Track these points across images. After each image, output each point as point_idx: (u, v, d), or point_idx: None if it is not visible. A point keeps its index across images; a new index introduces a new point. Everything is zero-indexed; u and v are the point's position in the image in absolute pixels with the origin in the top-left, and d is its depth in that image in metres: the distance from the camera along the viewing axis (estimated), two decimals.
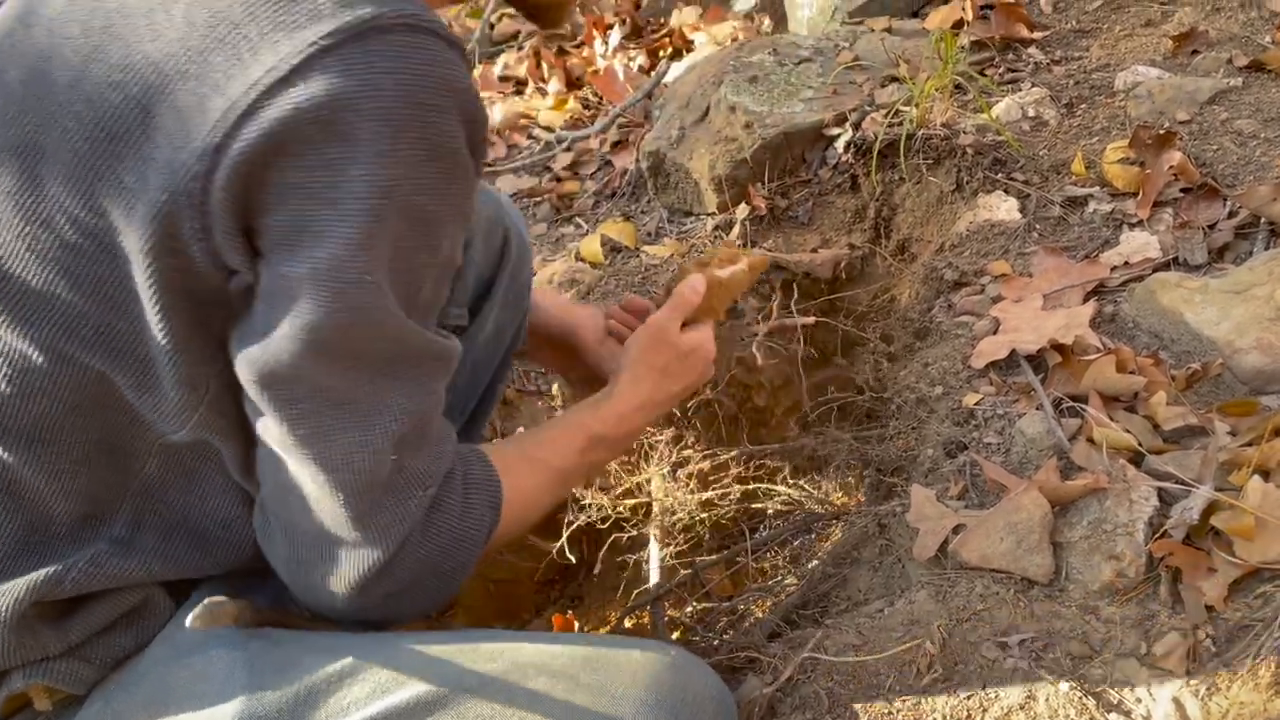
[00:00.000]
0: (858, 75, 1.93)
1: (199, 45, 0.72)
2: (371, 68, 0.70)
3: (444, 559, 0.85)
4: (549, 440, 1.03)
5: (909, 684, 0.96)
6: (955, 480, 1.17)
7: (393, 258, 0.74)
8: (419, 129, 0.72)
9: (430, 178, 0.74)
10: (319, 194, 0.71)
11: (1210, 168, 1.54)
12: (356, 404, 0.77)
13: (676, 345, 1.10)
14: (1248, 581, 0.96)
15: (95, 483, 0.84)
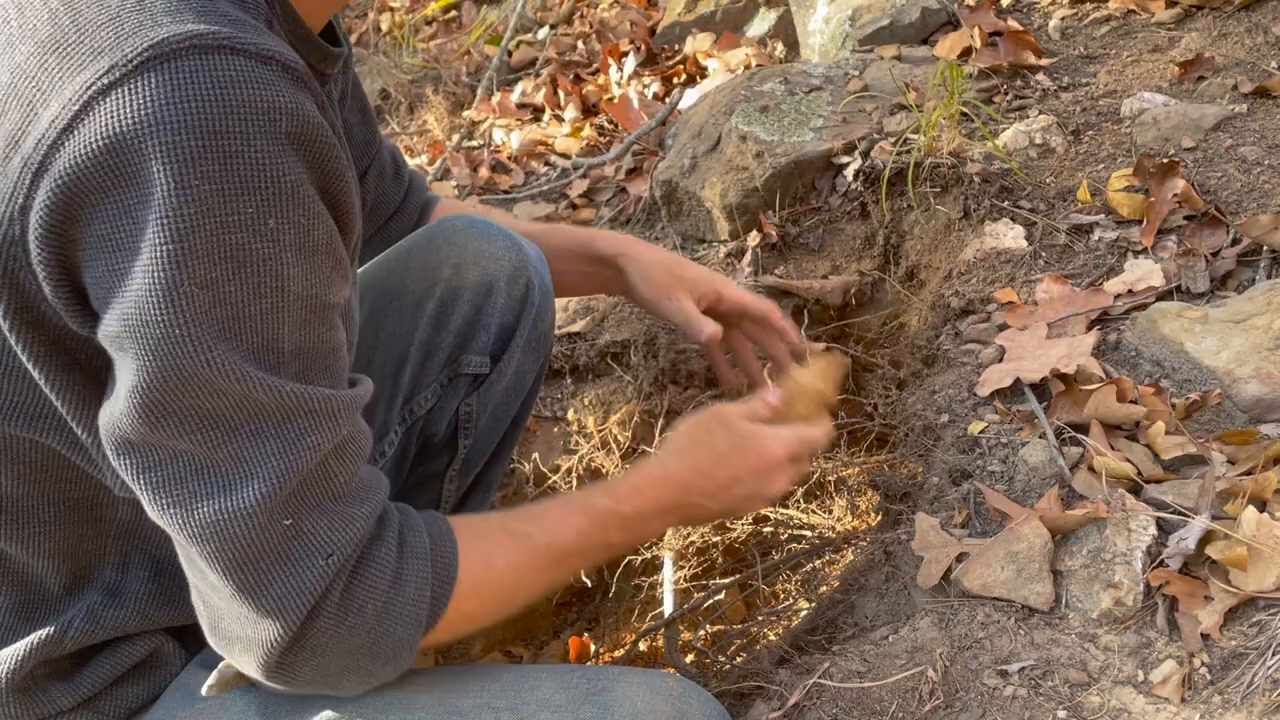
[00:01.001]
0: (867, 104, 1.96)
1: (1, 103, 0.69)
2: (153, 101, 0.64)
3: (373, 635, 0.77)
4: (541, 514, 0.91)
5: (911, 711, 0.98)
6: (959, 508, 1.20)
7: (215, 305, 0.66)
8: (219, 160, 0.64)
9: (242, 212, 0.66)
10: (122, 244, 0.65)
11: (1214, 195, 1.56)
12: (215, 467, 0.70)
13: (732, 427, 0.99)
14: (1243, 610, 0.98)
15: (73, 538, 0.85)
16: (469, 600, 0.82)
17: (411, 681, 0.89)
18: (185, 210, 0.64)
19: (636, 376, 1.81)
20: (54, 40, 0.68)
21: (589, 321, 1.86)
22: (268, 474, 0.70)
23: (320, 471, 0.73)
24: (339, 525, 0.74)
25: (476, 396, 1.26)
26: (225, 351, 0.68)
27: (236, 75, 0.65)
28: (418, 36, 3.70)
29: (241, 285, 0.67)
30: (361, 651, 0.77)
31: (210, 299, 0.66)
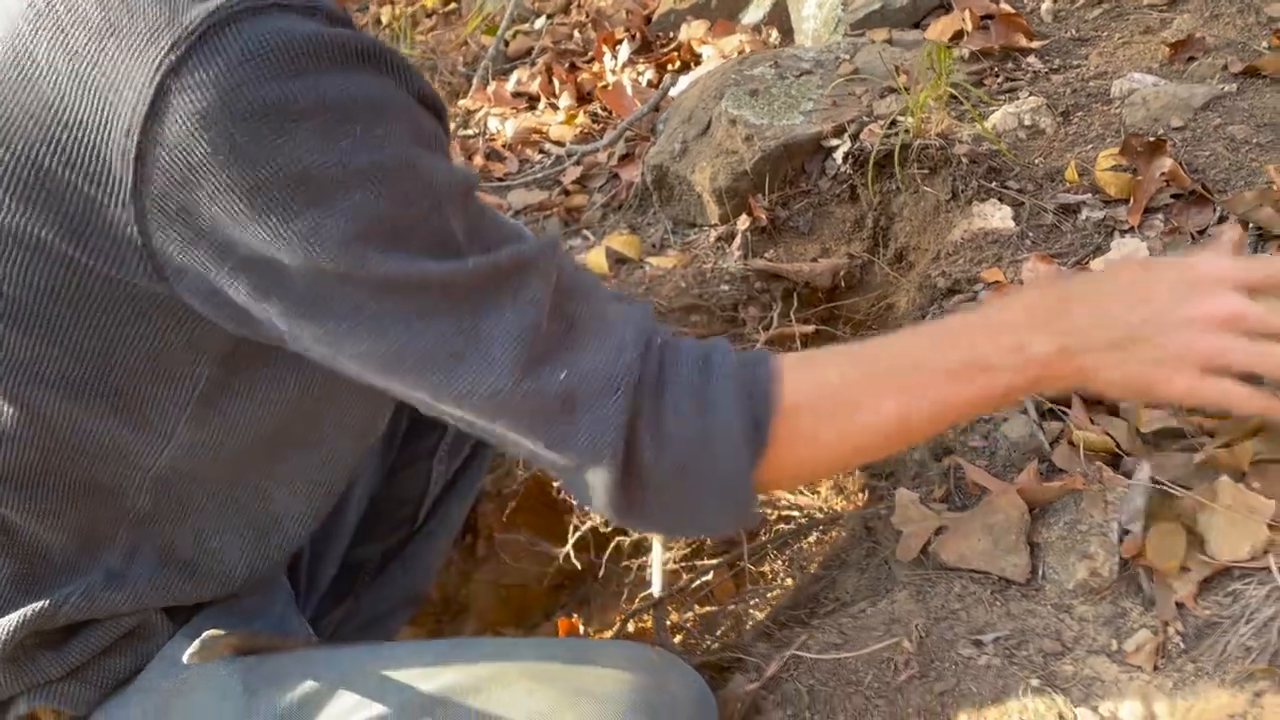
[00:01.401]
0: (857, 87, 1.96)
1: (67, 93, 0.70)
2: (225, 66, 0.65)
3: (700, 460, 0.73)
4: (884, 339, 0.82)
5: (886, 681, 0.99)
6: (940, 483, 1.20)
7: (371, 229, 0.68)
8: (309, 98, 0.66)
9: (353, 135, 0.68)
10: (249, 212, 0.67)
11: (1202, 174, 1.55)
12: (462, 355, 0.71)
13: (1164, 261, 0.84)
14: (1219, 579, 0.98)
15: (87, 519, 0.87)
16: (800, 417, 0.74)
17: (395, 652, 0.90)
18: (297, 156, 0.66)
19: None
20: (108, 24, 0.69)
21: None
22: (509, 341, 0.71)
23: (556, 316, 0.73)
24: (607, 359, 0.73)
25: None
26: (401, 261, 0.69)
27: (292, 24, 0.67)
28: (417, 28, 3.71)
29: (390, 199, 0.69)
30: (697, 481, 0.74)
31: (363, 225, 0.68)
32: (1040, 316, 0.77)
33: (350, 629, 1.27)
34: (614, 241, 1.99)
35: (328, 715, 0.85)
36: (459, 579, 1.84)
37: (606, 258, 1.96)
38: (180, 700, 0.87)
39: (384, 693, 0.85)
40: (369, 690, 0.85)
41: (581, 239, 2.15)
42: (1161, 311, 0.76)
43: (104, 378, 0.79)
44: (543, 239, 0.77)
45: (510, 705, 0.84)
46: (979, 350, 0.76)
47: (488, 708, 0.84)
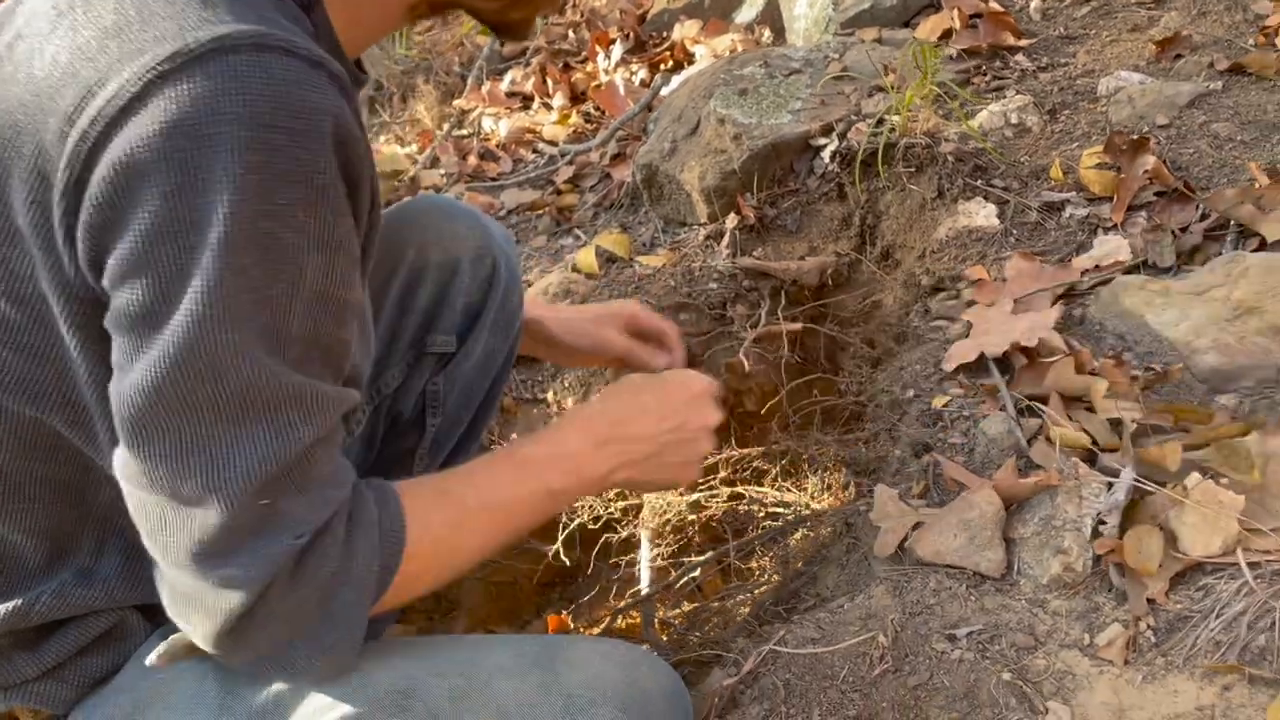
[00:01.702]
0: (845, 86, 1.97)
1: (58, 82, 0.71)
2: (211, 91, 0.67)
3: (323, 602, 0.78)
4: (471, 472, 0.92)
5: (861, 675, 1.00)
6: (919, 480, 1.21)
7: (240, 289, 0.69)
8: (264, 153, 0.68)
9: (277, 203, 0.69)
10: (164, 224, 0.68)
11: (1185, 171, 1.56)
12: (207, 447, 0.72)
13: (650, 377, 1.05)
14: (1191, 574, 0.99)
15: (54, 518, 0.87)
16: (412, 563, 0.83)
17: (369, 650, 0.90)
18: (230, 197, 0.67)
19: None
20: (117, 26, 0.71)
21: (569, 304, 1.87)
22: (255, 459, 0.72)
23: (305, 458, 0.75)
24: (315, 506, 0.76)
25: (444, 375, 1.28)
26: (241, 334, 0.70)
27: (290, 75, 0.69)
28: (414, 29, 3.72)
29: (264, 271, 0.70)
30: (312, 619, 0.79)
31: (237, 283, 0.69)
32: (593, 441, 0.96)
33: None
34: (604, 240, 2.00)
35: (302, 713, 0.85)
36: None
37: (596, 257, 1.97)
38: (157, 699, 0.88)
39: (357, 690, 0.85)
40: (343, 688, 0.86)
41: (573, 238, 2.17)
42: (680, 426, 1.01)
43: (65, 386, 0.80)
44: (348, 393, 0.80)
45: (483, 702, 0.84)
46: (548, 481, 0.93)
47: (460, 705, 0.84)
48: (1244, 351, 1.18)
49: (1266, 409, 1.16)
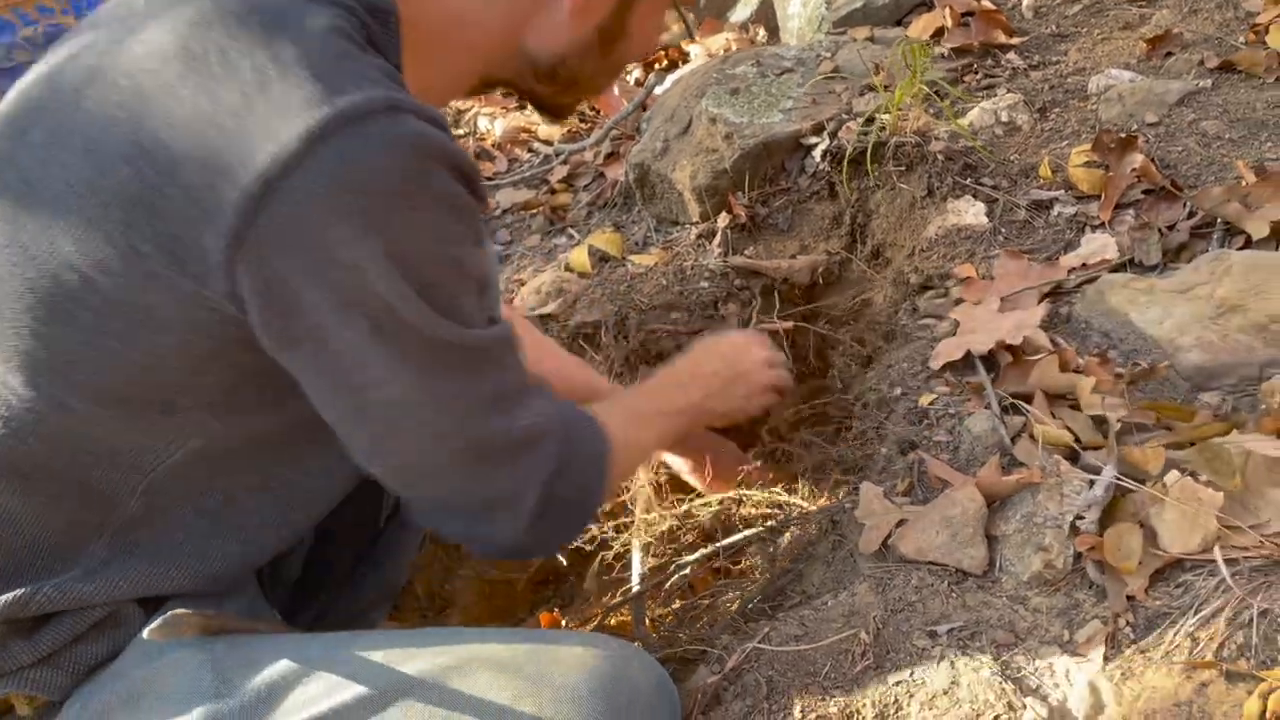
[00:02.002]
0: (837, 85, 1.97)
1: (205, 132, 0.77)
2: (368, 149, 0.76)
3: (582, 490, 1.02)
4: (617, 399, 1.31)
5: (843, 672, 1.00)
6: (904, 477, 1.21)
7: (432, 293, 0.82)
8: (419, 193, 0.79)
9: (435, 225, 0.82)
10: (341, 268, 0.78)
11: (1174, 169, 1.56)
12: (460, 398, 0.89)
13: (731, 340, 1.39)
14: (1170, 571, 1.00)
15: (76, 518, 0.90)
16: (617, 455, 1.06)
17: (361, 641, 0.92)
18: (397, 234, 0.79)
19: (608, 357, 1.83)
20: (260, 87, 0.77)
21: (561, 303, 1.88)
22: (476, 396, 0.90)
23: (518, 388, 0.95)
24: (539, 415, 0.95)
25: None
26: (450, 324, 0.85)
27: (423, 129, 0.79)
28: None
29: (442, 275, 0.84)
30: (576, 510, 1.02)
31: (420, 286, 0.82)
32: (685, 381, 1.31)
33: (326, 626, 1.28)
34: (597, 239, 2.01)
35: (293, 701, 0.86)
36: (442, 574, 1.86)
37: (589, 256, 1.98)
38: (152, 685, 0.89)
39: (351, 679, 0.87)
40: (334, 679, 0.87)
41: (566, 237, 2.17)
42: (740, 366, 1.37)
43: (135, 387, 0.85)
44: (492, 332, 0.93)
45: (473, 694, 0.86)
46: (673, 401, 1.28)
47: (450, 697, 0.86)
48: (1227, 349, 1.19)
49: (1249, 407, 1.16)
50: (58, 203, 0.81)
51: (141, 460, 0.89)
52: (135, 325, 0.82)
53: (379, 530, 1.29)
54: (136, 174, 0.78)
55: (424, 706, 0.85)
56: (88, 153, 0.80)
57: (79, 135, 0.81)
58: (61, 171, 0.81)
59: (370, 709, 0.86)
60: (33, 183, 0.83)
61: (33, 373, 0.84)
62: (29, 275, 0.82)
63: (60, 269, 0.81)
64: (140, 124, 0.79)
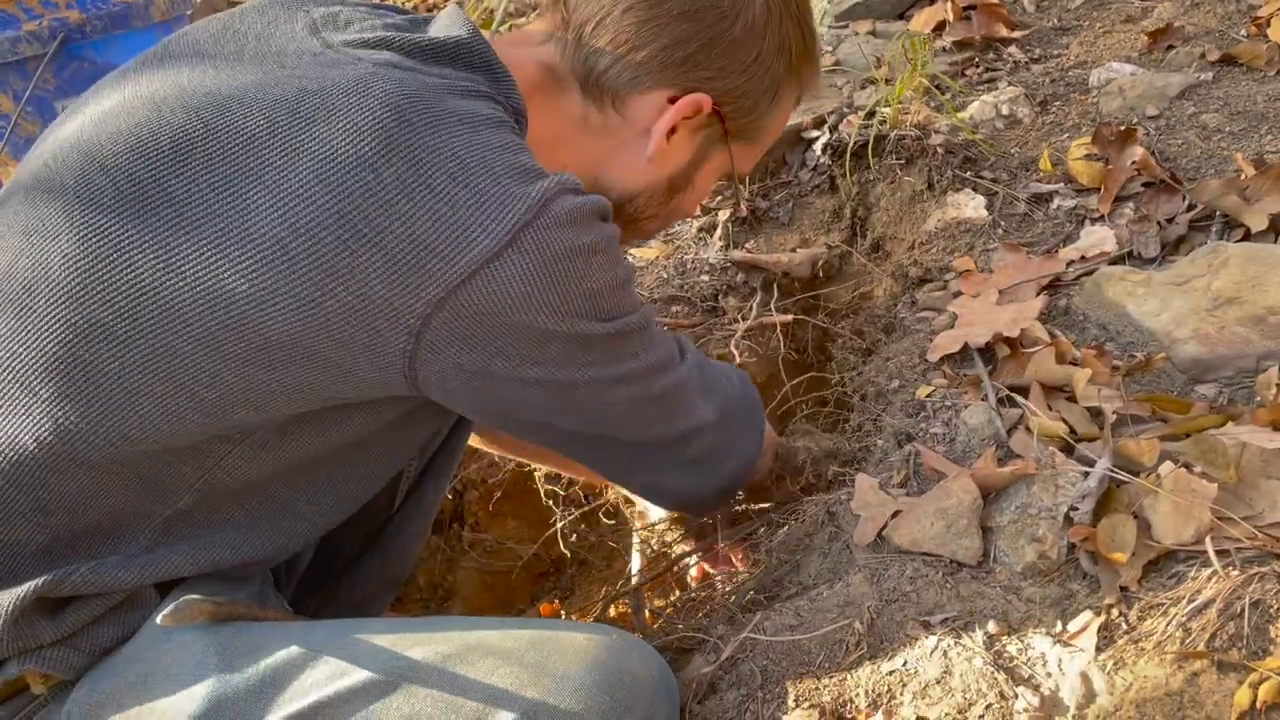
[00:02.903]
0: (838, 78, 1.97)
1: (409, 212, 0.83)
2: (559, 227, 0.87)
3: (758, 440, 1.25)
4: None
5: (837, 661, 1.01)
6: (900, 469, 1.22)
7: (605, 360, 0.95)
8: (607, 252, 0.92)
9: (620, 278, 0.94)
10: (545, 332, 0.89)
11: (1173, 162, 1.57)
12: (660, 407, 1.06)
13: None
14: (1163, 562, 1.00)
15: (129, 509, 0.92)
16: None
17: (365, 628, 0.93)
18: (595, 286, 0.91)
19: None
20: (465, 179, 0.85)
21: None
22: (673, 377, 1.06)
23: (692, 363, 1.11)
24: (734, 382, 1.22)
25: None
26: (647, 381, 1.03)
27: (587, 199, 0.91)
28: None
29: (622, 345, 0.97)
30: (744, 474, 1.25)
31: (605, 355, 0.96)
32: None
33: (329, 614, 1.30)
34: None
35: (298, 687, 0.88)
36: (444, 565, 1.87)
37: None
38: (160, 669, 0.90)
39: (355, 664, 0.88)
40: (339, 664, 0.88)
41: None
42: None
43: (248, 407, 0.89)
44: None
45: (474, 682, 0.87)
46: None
47: (452, 684, 0.87)
48: (1224, 341, 1.19)
49: (1245, 399, 1.16)
50: (229, 240, 0.83)
51: (206, 459, 0.92)
52: (286, 362, 0.86)
53: (389, 519, 1.30)
54: (338, 240, 0.82)
55: (427, 691, 0.87)
56: (277, 206, 0.83)
57: (261, 185, 0.84)
58: (238, 216, 0.84)
59: (374, 694, 0.87)
60: (192, 214, 0.85)
61: (156, 381, 0.86)
62: (181, 302, 0.84)
63: (221, 301, 0.83)
64: (344, 194, 0.83)
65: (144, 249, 0.84)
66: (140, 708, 0.88)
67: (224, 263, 0.83)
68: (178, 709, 0.86)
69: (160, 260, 0.84)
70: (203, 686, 0.88)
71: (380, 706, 0.85)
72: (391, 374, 0.88)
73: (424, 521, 1.38)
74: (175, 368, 0.85)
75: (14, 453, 0.88)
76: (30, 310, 0.87)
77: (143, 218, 0.85)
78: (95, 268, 0.85)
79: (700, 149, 1.12)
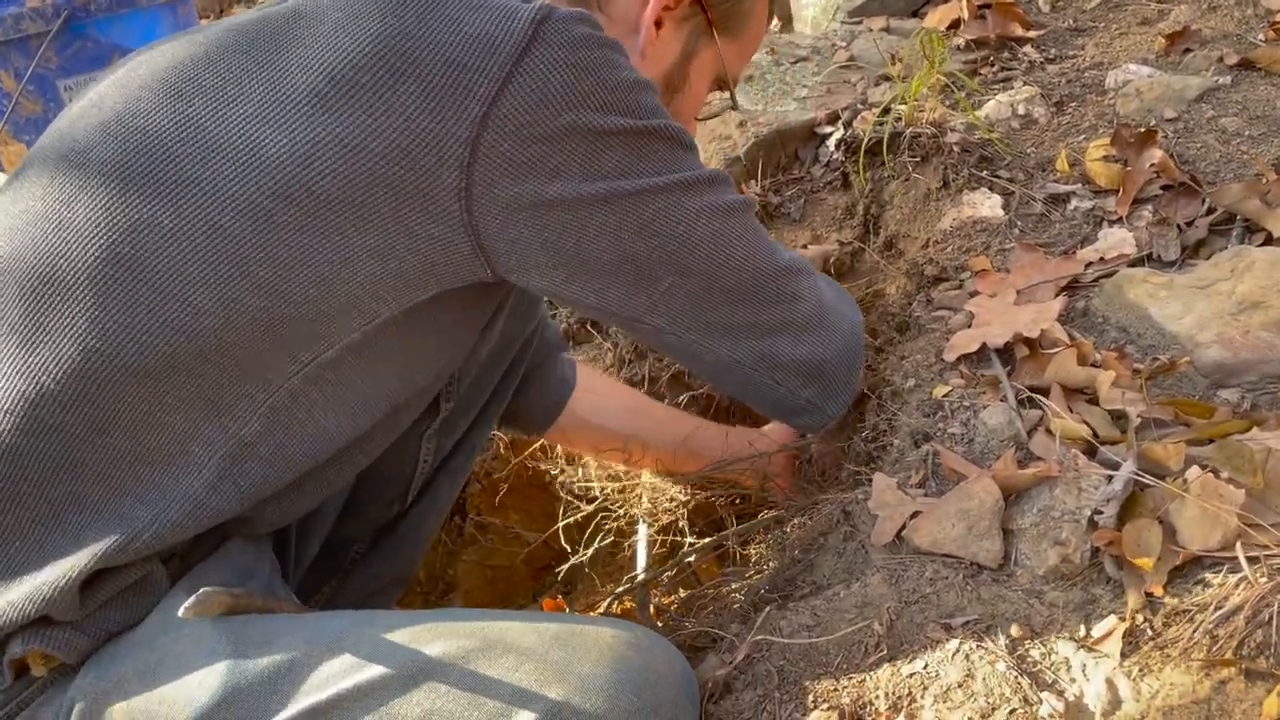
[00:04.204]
0: (853, 74, 1.96)
1: (439, 35, 0.86)
2: (577, 29, 0.89)
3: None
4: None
5: (856, 663, 0.99)
6: (918, 469, 1.20)
7: (667, 165, 0.95)
8: (623, 68, 0.92)
9: (650, 94, 0.94)
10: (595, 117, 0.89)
11: (1192, 165, 1.55)
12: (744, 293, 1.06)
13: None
14: (1189, 568, 0.99)
15: (189, 428, 0.90)
16: None
17: (383, 621, 0.91)
18: (631, 82, 0.93)
19: (616, 345, 1.82)
20: (487, 7, 0.89)
21: None
22: (773, 268, 1.08)
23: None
24: (822, 288, 1.19)
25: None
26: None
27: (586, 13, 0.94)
28: None
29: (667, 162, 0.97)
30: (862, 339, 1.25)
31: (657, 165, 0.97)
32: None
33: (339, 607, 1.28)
34: None
35: (315, 679, 0.85)
36: (446, 558, 1.85)
37: None
38: (171, 657, 0.88)
39: (370, 660, 0.85)
40: (356, 657, 0.86)
41: None
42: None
43: (295, 288, 0.87)
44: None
45: (496, 679, 0.84)
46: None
47: (474, 680, 0.84)
48: (1248, 346, 1.18)
49: (1268, 404, 1.15)
50: (266, 106, 0.86)
51: (269, 380, 0.90)
52: (341, 226, 0.85)
53: (400, 514, 1.28)
54: (374, 79, 0.85)
55: (448, 688, 0.84)
56: (309, 64, 0.87)
57: (291, 53, 0.88)
58: (272, 86, 0.87)
59: (394, 689, 0.84)
60: (228, 95, 0.88)
61: (206, 266, 0.85)
62: (223, 178, 0.85)
63: (265, 167, 0.85)
64: (373, 39, 0.86)
65: (182, 138, 0.86)
66: (149, 694, 0.86)
67: (263, 128, 0.85)
68: (190, 698, 0.84)
69: (198, 145, 0.85)
70: (216, 677, 0.85)
71: (401, 702, 0.83)
72: (452, 229, 0.88)
73: (438, 518, 1.36)
74: (225, 248, 0.85)
75: (60, 369, 0.86)
76: (69, 224, 0.87)
77: (176, 107, 0.88)
78: (132, 163, 0.86)
79: (688, 42, 1.14)
